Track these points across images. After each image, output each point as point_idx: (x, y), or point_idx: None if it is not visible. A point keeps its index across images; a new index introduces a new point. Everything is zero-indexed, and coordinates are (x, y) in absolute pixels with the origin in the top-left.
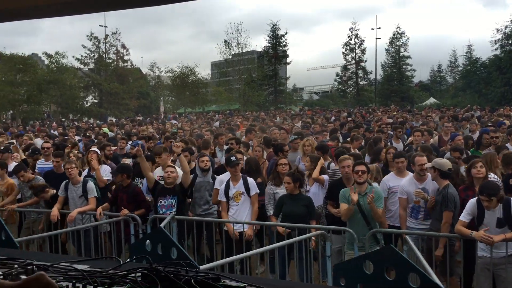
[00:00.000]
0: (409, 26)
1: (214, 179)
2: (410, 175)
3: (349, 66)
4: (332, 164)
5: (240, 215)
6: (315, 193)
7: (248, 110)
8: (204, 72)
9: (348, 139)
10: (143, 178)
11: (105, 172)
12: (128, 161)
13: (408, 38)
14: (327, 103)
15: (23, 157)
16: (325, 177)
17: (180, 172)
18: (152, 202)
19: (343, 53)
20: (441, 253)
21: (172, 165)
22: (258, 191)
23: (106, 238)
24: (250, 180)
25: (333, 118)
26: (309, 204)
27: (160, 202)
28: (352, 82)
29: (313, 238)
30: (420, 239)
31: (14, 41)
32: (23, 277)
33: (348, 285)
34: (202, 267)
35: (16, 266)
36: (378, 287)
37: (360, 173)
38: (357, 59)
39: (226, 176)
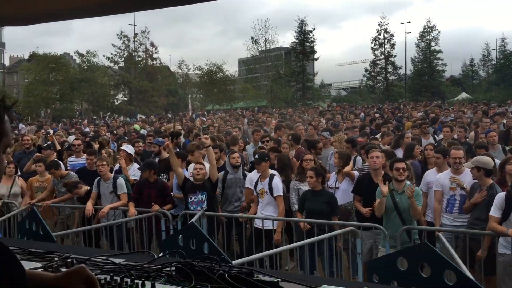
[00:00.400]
0: (440, 20)
1: (244, 175)
2: (448, 169)
3: (378, 61)
4: (359, 158)
5: (261, 214)
6: (345, 190)
7: (275, 107)
8: (231, 69)
9: (378, 135)
10: (167, 174)
11: (134, 171)
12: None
13: (439, 32)
14: (355, 99)
15: (59, 147)
16: (356, 173)
17: (208, 166)
18: (182, 198)
19: (372, 48)
20: (484, 254)
21: (201, 161)
22: (281, 194)
23: (137, 234)
24: (276, 180)
25: (362, 114)
26: (331, 201)
27: (191, 198)
28: (381, 78)
29: (339, 243)
30: (454, 236)
31: (47, 41)
32: (63, 269)
33: (382, 282)
34: (233, 262)
35: (56, 259)
36: (412, 284)
37: (401, 170)
38: (386, 54)
39: (255, 173)
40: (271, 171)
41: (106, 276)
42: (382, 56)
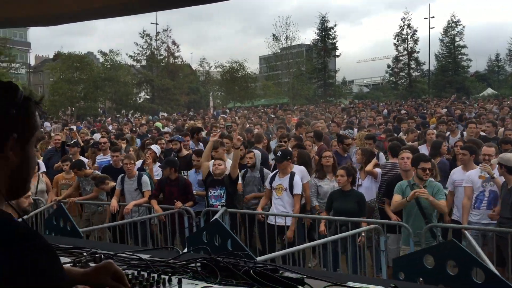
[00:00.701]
0: (464, 14)
1: (262, 172)
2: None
3: (401, 57)
4: (381, 154)
5: (277, 210)
6: (368, 187)
7: (297, 104)
8: (253, 66)
9: (401, 133)
10: (188, 171)
11: (157, 172)
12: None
13: (463, 27)
14: (377, 95)
15: (82, 144)
16: (378, 170)
17: (229, 164)
18: (202, 195)
19: (395, 44)
20: None
21: (220, 157)
22: (300, 193)
23: (160, 234)
24: (297, 178)
25: (385, 111)
26: (360, 201)
27: (211, 192)
28: (404, 74)
29: (362, 234)
30: (481, 234)
31: (71, 41)
32: (92, 264)
33: (408, 279)
34: (257, 259)
35: (85, 254)
36: (439, 281)
37: (427, 171)
38: (410, 50)
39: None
40: (296, 166)
41: (133, 271)
42: (405, 52)
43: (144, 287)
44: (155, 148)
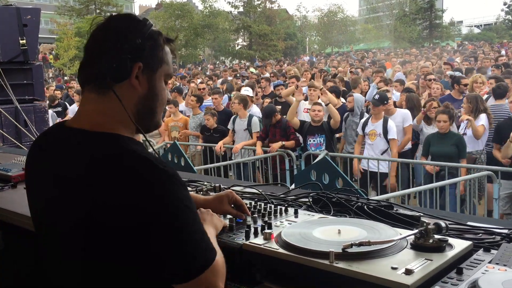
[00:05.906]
0: None
1: (362, 117)
2: None
3: None
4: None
5: (370, 156)
6: (473, 137)
7: (399, 48)
8: (352, 9)
9: None
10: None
11: (255, 112)
12: None
13: None
14: (490, 36)
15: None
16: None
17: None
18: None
19: None
20: None
21: (320, 102)
22: (396, 137)
23: (260, 172)
24: (391, 123)
25: (503, 51)
26: (459, 143)
27: (309, 140)
28: None
29: (461, 182)
30: None
31: None
32: (212, 193)
33: None
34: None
35: (206, 183)
36: None
37: None
38: None
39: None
40: (399, 110)
41: (251, 201)
42: None
43: (263, 215)
44: (245, 90)
